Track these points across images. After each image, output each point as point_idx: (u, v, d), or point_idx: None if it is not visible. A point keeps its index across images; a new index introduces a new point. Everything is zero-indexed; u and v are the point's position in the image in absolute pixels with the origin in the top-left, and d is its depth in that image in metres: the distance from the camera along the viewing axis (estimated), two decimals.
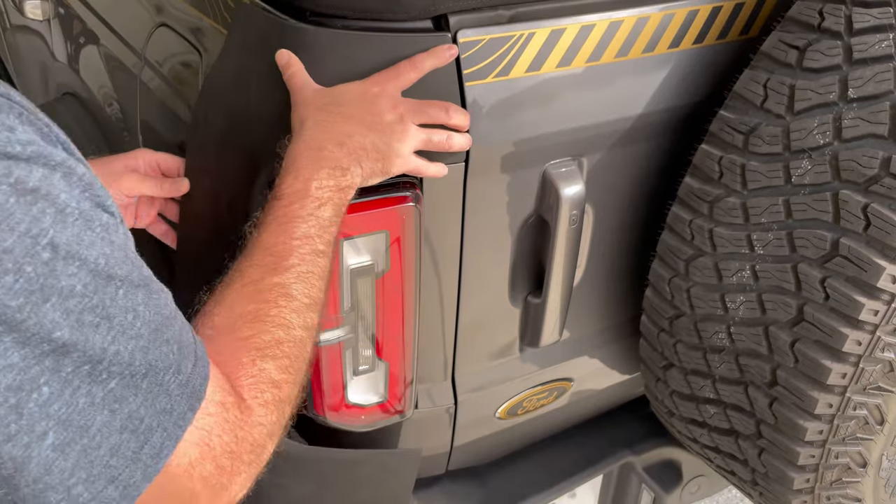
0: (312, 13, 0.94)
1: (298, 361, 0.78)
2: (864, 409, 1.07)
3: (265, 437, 0.72)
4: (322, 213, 0.85)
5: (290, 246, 0.82)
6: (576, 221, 1.11)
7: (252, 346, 0.75)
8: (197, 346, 0.66)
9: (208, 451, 0.66)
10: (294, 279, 0.81)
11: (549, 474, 1.48)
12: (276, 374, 0.75)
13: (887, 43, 0.95)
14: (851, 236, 0.97)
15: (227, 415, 0.67)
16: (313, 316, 0.82)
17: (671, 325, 1.21)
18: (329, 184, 0.86)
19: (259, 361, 0.74)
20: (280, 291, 0.80)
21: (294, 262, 0.82)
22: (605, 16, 1.02)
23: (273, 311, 0.78)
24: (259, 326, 0.76)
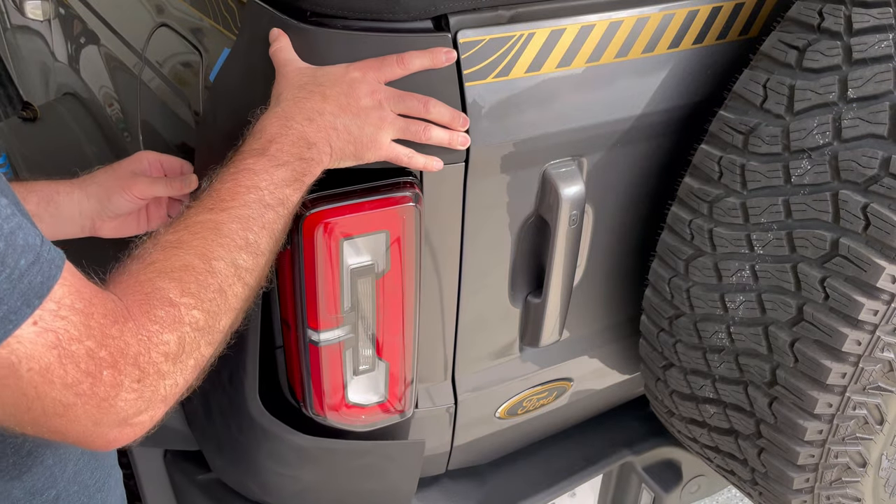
0: (313, 13, 0.95)
1: (212, 292, 0.76)
2: (864, 409, 1.07)
3: (158, 355, 0.70)
4: (277, 172, 0.84)
5: (235, 191, 0.82)
6: (576, 221, 1.11)
7: (156, 268, 0.74)
8: (44, 249, 0.64)
9: (67, 357, 0.65)
10: (230, 219, 0.80)
11: (548, 474, 1.48)
12: (176, 294, 0.73)
13: (887, 43, 0.95)
14: (851, 236, 0.97)
15: (90, 321, 0.66)
16: (248, 259, 0.80)
17: (671, 324, 1.21)
18: (291, 150, 0.86)
19: (157, 280, 0.73)
20: (209, 226, 0.79)
21: (235, 205, 0.81)
22: (605, 16, 1.03)
23: (195, 242, 0.77)
24: (172, 253, 0.76)
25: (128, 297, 0.71)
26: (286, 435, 1.17)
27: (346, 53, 0.94)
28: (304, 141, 0.87)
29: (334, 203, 0.96)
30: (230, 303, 0.78)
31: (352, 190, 0.97)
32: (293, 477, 1.24)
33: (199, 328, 0.75)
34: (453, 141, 0.96)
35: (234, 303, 0.79)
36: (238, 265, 0.79)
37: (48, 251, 0.65)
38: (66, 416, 0.67)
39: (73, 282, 0.66)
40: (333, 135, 0.89)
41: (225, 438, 1.25)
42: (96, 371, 0.66)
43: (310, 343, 1.05)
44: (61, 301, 0.64)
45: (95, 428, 0.69)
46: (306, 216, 0.95)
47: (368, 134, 0.91)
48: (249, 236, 0.81)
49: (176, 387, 0.73)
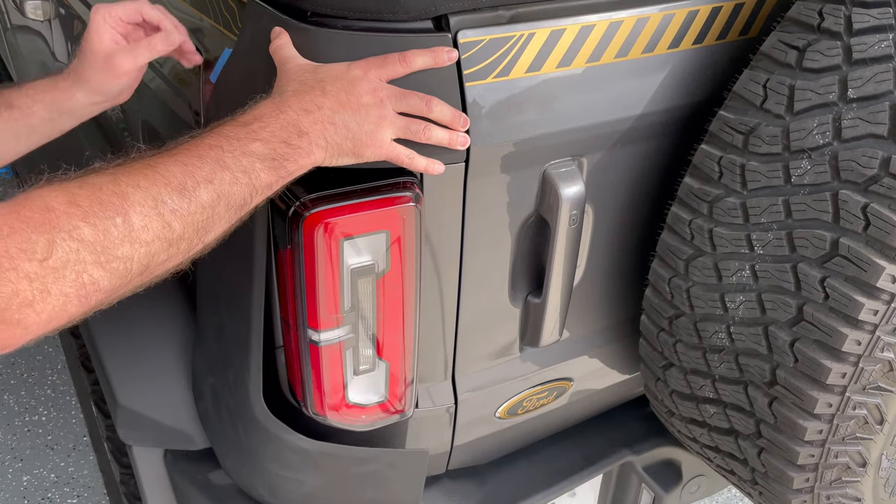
0: (313, 13, 0.95)
1: (111, 211, 0.72)
2: (864, 409, 1.07)
3: (19, 251, 0.66)
4: (250, 144, 0.82)
5: (191, 145, 0.80)
6: (576, 221, 1.11)
7: (53, 186, 0.71)
8: None
9: None
10: (170, 162, 0.77)
11: (548, 473, 1.48)
12: (58, 203, 0.70)
13: (887, 43, 0.95)
14: (851, 236, 0.97)
15: None
16: (177, 200, 0.76)
17: (671, 324, 1.21)
18: (276, 132, 0.84)
19: (42, 191, 0.70)
20: (146, 163, 0.77)
21: (182, 154, 0.79)
22: (605, 16, 1.03)
23: (119, 172, 0.75)
24: (84, 177, 0.73)
25: (3, 206, 0.68)
26: (289, 437, 1.17)
27: (346, 53, 0.95)
28: (294, 128, 0.86)
29: (334, 203, 0.96)
30: (138, 234, 0.74)
31: (352, 190, 0.97)
32: (297, 480, 1.24)
33: (83, 240, 0.70)
34: (453, 141, 0.96)
35: (144, 235, 0.75)
36: (160, 200, 0.75)
37: None
38: None
39: None
40: (330, 129, 0.89)
41: (232, 439, 1.25)
42: None
43: (310, 343, 1.05)
44: None
45: None
46: (306, 216, 0.95)
47: (367, 131, 0.91)
48: (188, 182, 0.77)
49: (48, 294, 0.69)
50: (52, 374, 2.81)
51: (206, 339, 1.28)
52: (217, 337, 1.24)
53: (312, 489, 1.25)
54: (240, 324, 1.12)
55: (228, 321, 1.18)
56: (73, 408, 2.68)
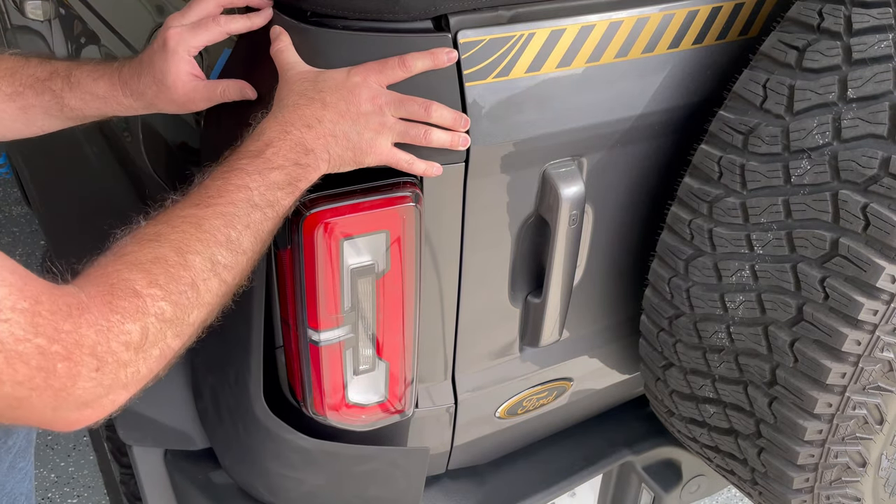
0: (313, 13, 0.95)
1: (183, 284, 0.75)
2: (864, 409, 1.07)
3: (118, 344, 0.70)
4: (270, 175, 0.84)
5: (223, 189, 0.82)
6: (576, 221, 1.11)
7: (126, 260, 0.74)
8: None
9: (16, 357, 0.65)
10: (213, 215, 0.79)
11: (548, 473, 1.48)
12: (142, 286, 0.72)
13: (886, 43, 0.96)
14: (851, 236, 0.97)
15: (37, 319, 0.66)
16: (227, 255, 0.80)
17: (671, 324, 1.21)
18: (287, 154, 0.86)
19: (124, 271, 0.73)
20: (190, 221, 0.78)
21: (220, 202, 0.81)
22: (605, 16, 1.03)
23: (173, 235, 0.77)
24: (147, 245, 0.75)
25: (90, 288, 0.71)
26: (289, 436, 1.17)
27: (346, 53, 0.95)
28: (301, 147, 0.87)
29: (334, 203, 0.96)
30: (203, 297, 0.78)
31: (352, 190, 0.97)
32: (297, 479, 1.24)
33: (166, 320, 0.74)
34: (454, 142, 0.96)
35: (207, 298, 0.79)
36: (216, 261, 0.79)
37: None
38: (22, 408, 0.67)
39: (14, 280, 0.66)
40: (332, 141, 0.89)
41: (232, 438, 1.25)
42: (49, 365, 0.66)
43: (310, 343, 1.05)
44: (2, 304, 0.64)
45: (55, 413, 0.69)
46: (306, 216, 0.95)
47: (367, 139, 0.91)
48: (231, 233, 0.80)
49: (138, 374, 0.73)
50: None
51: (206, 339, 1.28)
52: (217, 336, 1.24)
53: (313, 488, 1.25)
54: (240, 324, 1.12)
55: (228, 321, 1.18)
56: None
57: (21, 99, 1.03)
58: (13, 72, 1.03)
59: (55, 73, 1.03)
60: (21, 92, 1.02)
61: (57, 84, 1.03)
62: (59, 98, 1.03)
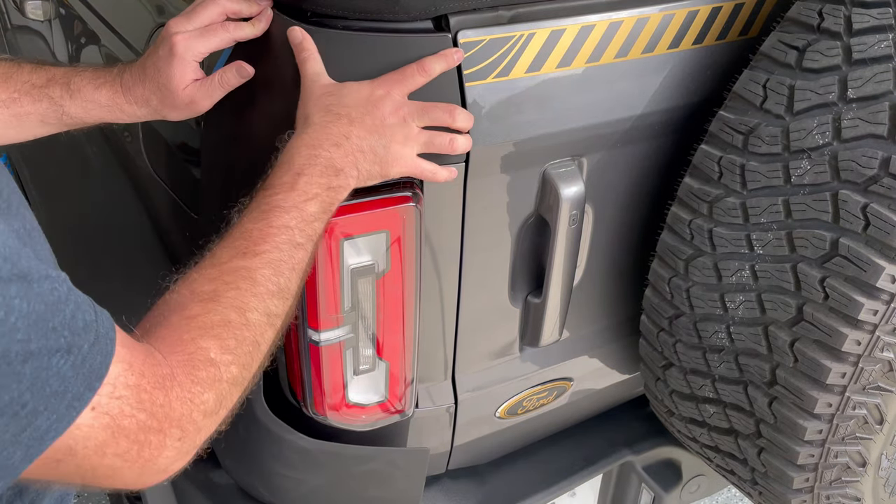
0: (313, 13, 0.95)
1: (248, 344, 0.77)
2: (864, 409, 1.07)
3: (194, 412, 0.72)
4: (307, 207, 0.85)
5: (266, 233, 0.82)
6: (576, 221, 1.11)
7: (196, 324, 0.75)
8: (99, 324, 0.64)
9: (120, 432, 0.66)
10: (262, 264, 0.80)
11: (548, 473, 1.48)
12: (216, 353, 0.74)
13: (886, 43, 0.96)
14: (851, 236, 0.97)
15: (141, 395, 0.67)
16: (279, 304, 0.81)
17: (671, 324, 1.21)
18: (320, 181, 0.86)
19: (199, 340, 0.74)
20: (244, 275, 0.79)
21: (266, 249, 0.81)
22: (605, 16, 1.03)
23: (230, 294, 0.78)
24: (210, 306, 0.76)
25: (172, 357, 0.72)
26: (290, 437, 1.17)
27: (346, 54, 0.95)
28: (331, 169, 0.87)
29: None
30: (262, 350, 0.80)
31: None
32: (297, 479, 1.24)
33: (236, 382, 0.77)
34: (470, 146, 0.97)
35: (264, 349, 0.81)
36: (270, 313, 0.80)
37: (102, 323, 0.65)
38: (113, 477, 0.69)
39: (124, 353, 0.67)
40: (360, 157, 0.90)
41: (233, 438, 1.25)
42: (145, 438, 0.68)
43: (310, 343, 1.05)
44: (116, 380, 0.65)
45: (137, 479, 0.71)
46: None
47: (394, 152, 0.92)
48: (281, 281, 0.81)
49: (208, 435, 0.76)
50: None
51: None
52: None
53: (313, 488, 1.25)
54: None
55: None
56: None
57: (16, 106, 1.01)
58: (7, 77, 1.02)
59: (53, 80, 1.02)
60: (16, 98, 1.01)
61: (55, 91, 1.01)
62: (59, 106, 1.02)
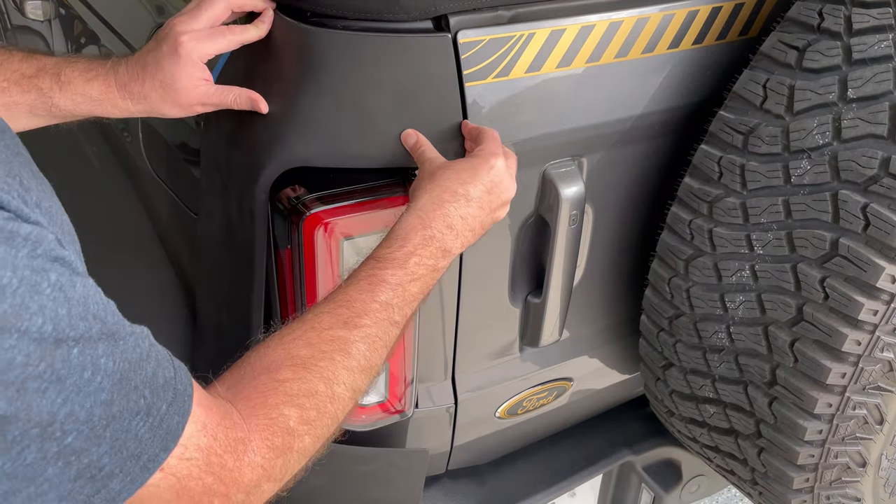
0: (313, 14, 0.95)
1: (327, 418, 0.76)
2: (864, 409, 1.07)
3: (262, 478, 0.71)
4: (410, 287, 0.85)
5: (369, 307, 0.82)
6: (576, 221, 1.11)
7: (284, 390, 0.74)
8: (177, 380, 0.63)
9: (185, 493, 0.64)
10: (360, 339, 0.80)
11: (548, 473, 1.48)
12: (295, 423, 0.73)
13: (886, 43, 0.96)
14: (851, 236, 0.97)
15: (211, 458, 0.65)
16: (364, 380, 0.81)
17: (671, 324, 1.21)
18: (428, 262, 0.87)
19: (283, 406, 0.73)
20: (340, 346, 0.79)
21: (366, 323, 0.81)
22: (605, 16, 1.03)
23: (324, 363, 0.77)
24: (301, 373, 0.75)
25: (252, 418, 0.71)
26: None
27: (346, 54, 0.95)
28: (441, 251, 0.88)
29: (334, 203, 0.96)
30: (337, 423, 0.79)
31: (352, 190, 0.97)
32: (297, 479, 1.24)
33: (305, 453, 0.76)
34: None
35: (340, 421, 0.80)
36: (356, 388, 0.80)
37: (180, 379, 0.64)
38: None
39: (199, 413, 0.65)
40: (470, 236, 0.91)
41: None
42: (208, 501, 0.66)
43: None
44: (188, 441, 0.64)
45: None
46: (306, 216, 0.95)
47: (496, 217, 0.94)
48: (373, 358, 0.81)
49: (268, 497, 0.74)
50: None
51: (206, 338, 1.28)
52: (217, 336, 1.24)
53: (313, 488, 1.25)
54: (240, 324, 1.12)
55: (228, 321, 1.18)
56: None
57: (4, 96, 0.98)
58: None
59: (43, 71, 0.98)
60: (5, 88, 0.97)
61: (45, 83, 0.97)
62: (48, 98, 0.98)
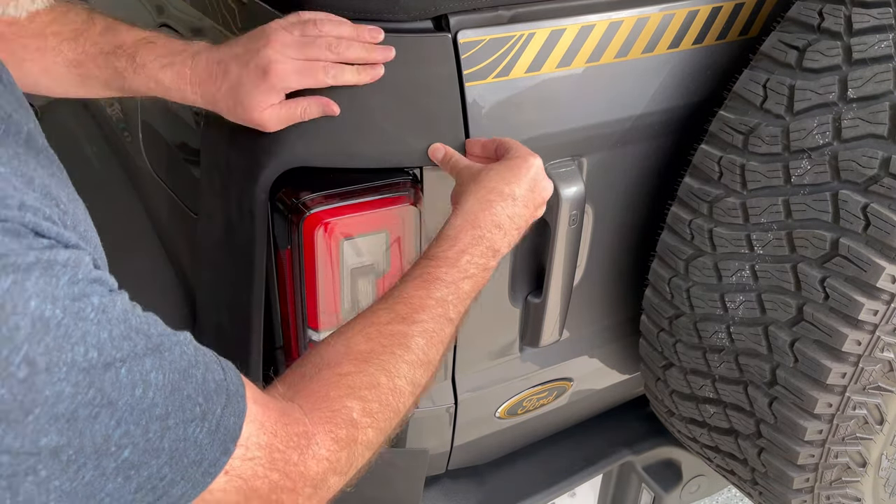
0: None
1: (389, 411, 0.77)
2: (864, 409, 1.07)
3: (328, 471, 0.71)
4: (463, 285, 0.87)
5: (425, 303, 0.83)
6: (576, 221, 1.11)
7: (346, 383, 0.75)
8: (229, 381, 0.63)
9: (253, 493, 0.65)
10: (418, 333, 0.81)
11: (548, 473, 1.48)
12: (358, 414, 0.74)
13: (887, 43, 0.96)
14: (851, 236, 0.97)
15: (273, 455, 0.66)
16: (423, 375, 0.82)
17: (671, 324, 1.21)
18: (479, 262, 0.88)
19: (346, 399, 0.74)
20: (400, 340, 0.80)
21: (424, 318, 0.82)
22: (605, 16, 1.03)
23: (384, 357, 0.78)
24: (362, 367, 0.76)
25: (315, 411, 0.71)
26: None
27: None
28: (491, 251, 0.89)
29: (334, 203, 0.96)
30: (400, 417, 0.80)
31: (352, 190, 0.97)
32: None
33: (370, 446, 0.76)
34: None
35: (402, 416, 0.81)
36: (416, 382, 0.81)
37: (231, 380, 0.65)
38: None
39: (256, 411, 0.66)
40: (516, 235, 0.93)
41: None
42: (276, 499, 0.67)
43: (310, 343, 1.05)
44: (248, 441, 0.64)
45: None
46: (306, 216, 0.95)
47: (539, 212, 0.96)
48: (431, 353, 0.82)
49: (335, 493, 0.75)
50: None
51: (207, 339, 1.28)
52: (217, 336, 1.24)
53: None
54: (240, 324, 1.12)
55: (229, 321, 1.18)
56: None
57: (83, 68, 1.00)
58: (77, 35, 0.99)
59: (121, 49, 0.98)
60: (83, 62, 1.00)
61: (121, 62, 0.98)
62: (122, 77, 0.99)
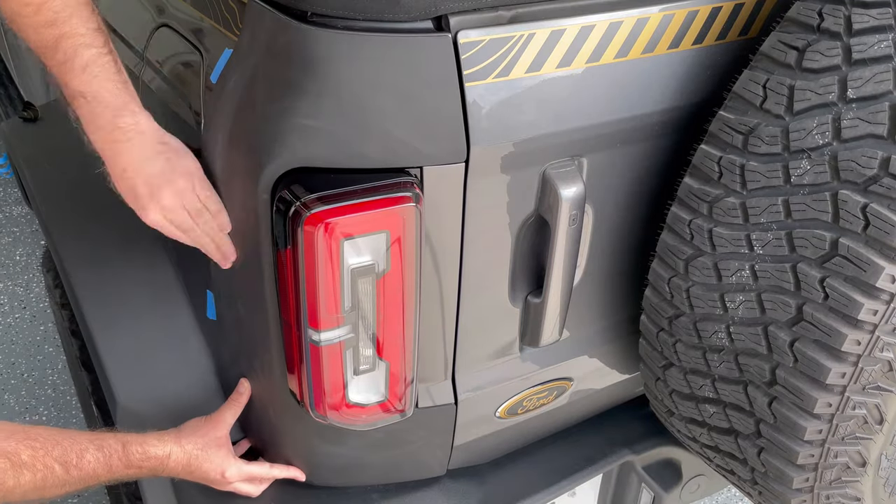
0: (314, 14, 0.95)
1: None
2: (864, 409, 1.07)
3: None
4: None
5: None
6: (576, 221, 1.11)
7: None
8: None
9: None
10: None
11: (548, 474, 1.48)
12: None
13: (886, 43, 0.96)
14: (850, 236, 0.98)
15: None
16: None
17: (671, 324, 1.21)
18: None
19: None
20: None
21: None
22: (605, 16, 1.03)
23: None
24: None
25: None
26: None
27: (346, 54, 0.95)
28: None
29: (334, 203, 0.96)
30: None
31: (352, 190, 0.97)
32: (331, 454, 1.28)
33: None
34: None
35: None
36: None
37: None
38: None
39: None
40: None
41: (264, 423, 1.30)
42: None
43: (310, 343, 1.05)
44: None
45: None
46: (306, 216, 0.95)
47: None
48: None
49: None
50: (53, 374, 2.82)
51: (227, 332, 1.29)
52: (237, 330, 1.25)
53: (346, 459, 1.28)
54: (258, 316, 1.13)
55: (247, 315, 1.19)
56: (74, 407, 2.68)
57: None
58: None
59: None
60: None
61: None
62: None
